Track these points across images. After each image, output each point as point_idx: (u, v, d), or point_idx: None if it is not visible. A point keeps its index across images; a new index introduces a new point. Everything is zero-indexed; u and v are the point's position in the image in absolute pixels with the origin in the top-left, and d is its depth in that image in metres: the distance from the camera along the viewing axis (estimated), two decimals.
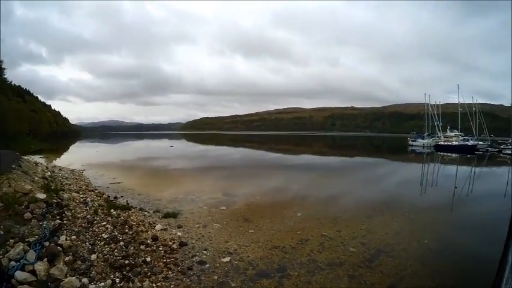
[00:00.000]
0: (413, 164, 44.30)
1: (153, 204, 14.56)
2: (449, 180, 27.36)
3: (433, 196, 19.98)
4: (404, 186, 23.88)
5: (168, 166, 31.84)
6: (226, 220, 12.36)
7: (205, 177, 24.27)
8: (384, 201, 17.16)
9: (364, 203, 16.53)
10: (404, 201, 17.82)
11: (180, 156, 45.19)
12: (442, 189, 22.80)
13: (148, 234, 9.77)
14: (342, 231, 11.36)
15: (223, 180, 23.21)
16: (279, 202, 16.16)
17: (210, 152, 56.75)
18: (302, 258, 8.85)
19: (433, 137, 74.50)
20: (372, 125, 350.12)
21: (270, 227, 11.63)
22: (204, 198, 16.18)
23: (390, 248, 9.93)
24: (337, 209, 14.84)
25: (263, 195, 17.72)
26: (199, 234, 10.50)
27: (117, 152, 56.77)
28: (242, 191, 18.75)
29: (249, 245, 9.73)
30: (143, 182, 20.38)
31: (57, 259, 6.55)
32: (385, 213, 14.52)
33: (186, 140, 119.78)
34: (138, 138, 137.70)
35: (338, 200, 17.44)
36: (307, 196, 18.06)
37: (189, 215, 12.92)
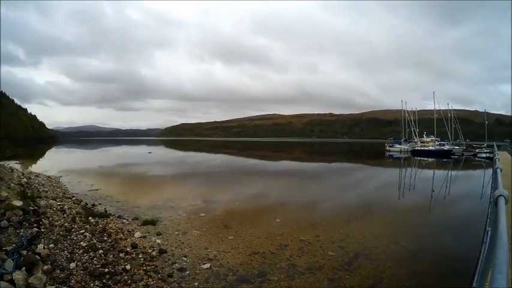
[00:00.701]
0: (390, 169, 45.02)
1: (132, 211, 14.42)
2: (426, 184, 27.86)
3: (410, 199, 20.32)
4: (382, 190, 24.24)
5: (146, 173, 31.58)
6: (205, 227, 12.33)
7: (184, 184, 24.24)
8: (362, 206, 17.40)
9: (342, 208, 16.76)
10: (382, 205, 18.11)
11: (159, 163, 44.86)
12: (420, 193, 23.23)
13: (127, 241, 9.70)
14: (320, 236, 11.47)
15: (202, 186, 23.18)
16: (258, 208, 16.21)
17: (189, 159, 56.52)
18: (282, 263, 8.92)
19: (410, 143, 75.72)
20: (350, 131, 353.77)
21: (250, 233, 11.67)
22: (183, 205, 16.09)
23: (368, 251, 10.09)
24: (315, 214, 14.97)
25: (242, 201, 17.75)
26: (178, 241, 10.47)
27: (94, 158, 56.05)
28: (221, 197, 18.75)
29: (228, 251, 9.75)
30: (121, 189, 20.18)
31: (36, 268, 6.49)
32: (363, 217, 14.73)
33: (165, 146, 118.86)
34: (116, 144, 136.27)
35: (316, 205, 17.58)
36: (286, 202, 18.16)
37: (168, 222, 12.85)
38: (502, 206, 2.04)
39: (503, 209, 1.98)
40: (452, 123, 73.49)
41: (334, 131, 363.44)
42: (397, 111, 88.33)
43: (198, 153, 73.48)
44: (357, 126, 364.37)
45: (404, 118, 78.16)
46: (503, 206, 2.04)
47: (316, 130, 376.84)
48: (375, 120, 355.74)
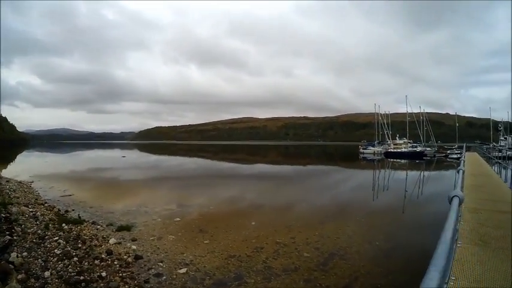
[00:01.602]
0: (364, 171, 45.68)
1: (106, 217, 14.26)
2: (399, 185, 28.45)
3: (384, 200, 20.71)
4: (356, 192, 24.59)
5: (120, 177, 31.23)
6: (181, 231, 12.30)
7: (159, 188, 24.05)
8: (337, 207, 17.67)
9: (317, 210, 16.95)
10: (356, 206, 18.39)
11: (133, 167, 44.34)
12: (393, 193, 23.71)
13: (102, 248, 9.62)
14: (295, 238, 11.59)
15: (177, 191, 23.12)
16: (233, 212, 16.24)
17: (164, 162, 56.17)
18: (258, 266, 9.00)
19: (383, 145, 77.13)
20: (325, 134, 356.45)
21: (225, 237, 11.70)
22: (158, 209, 15.98)
23: (343, 251, 10.28)
24: (290, 217, 15.10)
25: (217, 205, 17.73)
26: (154, 246, 10.42)
27: (67, 162, 54.93)
28: (196, 201, 18.68)
29: (204, 255, 9.76)
30: (95, 194, 19.93)
31: (10, 277, 6.41)
32: (337, 218, 14.95)
33: (139, 150, 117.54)
34: (89, 147, 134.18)
35: (292, 207, 17.72)
36: (261, 205, 18.27)
37: (143, 227, 12.76)
38: (454, 205, 2.20)
39: (454, 208, 2.13)
40: (424, 126, 75.95)
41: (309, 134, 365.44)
42: (371, 115, 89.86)
43: (172, 157, 73.10)
44: (331, 129, 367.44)
45: (377, 121, 79.63)
46: (456, 205, 2.20)
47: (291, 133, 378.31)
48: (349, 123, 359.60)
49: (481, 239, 5.94)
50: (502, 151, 25.39)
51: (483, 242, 5.79)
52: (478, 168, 20.36)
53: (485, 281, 4.23)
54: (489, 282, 4.20)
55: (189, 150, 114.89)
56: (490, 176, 16.44)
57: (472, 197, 10.05)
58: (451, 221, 1.90)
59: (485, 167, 21.35)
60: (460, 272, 4.47)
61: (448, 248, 1.59)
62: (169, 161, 60.43)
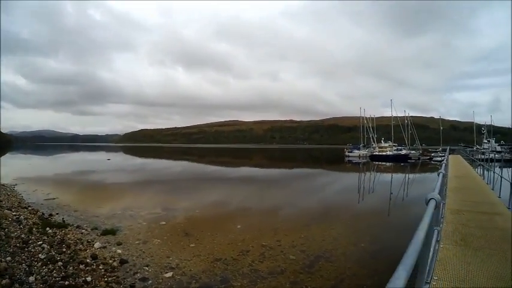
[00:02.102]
0: (350, 174, 46.02)
1: (91, 221, 14.12)
2: (385, 187, 28.75)
3: (369, 203, 20.90)
4: (341, 194, 24.74)
5: (105, 180, 30.94)
6: (166, 235, 12.26)
7: (144, 192, 23.90)
8: (322, 210, 17.78)
9: (302, 213, 17.01)
10: (342, 208, 18.53)
11: (118, 170, 44.06)
12: (379, 196, 23.93)
13: (87, 252, 9.54)
14: (281, 241, 11.64)
15: (162, 194, 22.97)
16: (219, 215, 16.21)
17: (149, 166, 55.81)
18: (244, 269, 9.01)
19: (368, 148, 77.97)
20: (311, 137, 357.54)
21: (211, 240, 11.69)
22: (143, 213, 15.89)
23: (329, 253, 10.36)
24: (276, 220, 15.16)
25: (203, 208, 17.69)
26: (139, 250, 10.37)
27: (51, 165, 54.50)
28: (182, 205, 18.63)
29: (190, 259, 9.75)
30: (79, 198, 19.74)
31: None
32: (323, 221, 15.01)
33: (124, 152, 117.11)
34: (74, 150, 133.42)
35: (277, 210, 17.76)
36: (247, 208, 18.29)
37: (128, 231, 12.68)
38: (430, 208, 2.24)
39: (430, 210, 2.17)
40: (409, 129, 77.56)
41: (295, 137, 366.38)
42: (356, 118, 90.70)
43: (157, 160, 72.60)
44: (317, 133, 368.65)
45: (363, 125, 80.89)
46: (431, 207, 2.24)
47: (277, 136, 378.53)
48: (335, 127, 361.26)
49: (463, 240, 6.06)
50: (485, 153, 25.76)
51: (465, 242, 5.90)
52: (461, 170, 20.65)
53: (467, 280, 4.32)
54: (471, 281, 4.29)
55: (175, 153, 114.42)
56: (472, 178, 16.69)
57: (454, 198, 10.22)
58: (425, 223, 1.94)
59: (469, 169, 21.66)
60: (442, 272, 4.57)
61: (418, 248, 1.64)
62: (154, 164, 60.08)
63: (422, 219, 2.05)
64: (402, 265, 1.38)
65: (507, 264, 4.91)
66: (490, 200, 10.51)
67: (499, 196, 11.05)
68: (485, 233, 6.54)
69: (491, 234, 6.43)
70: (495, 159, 18.10)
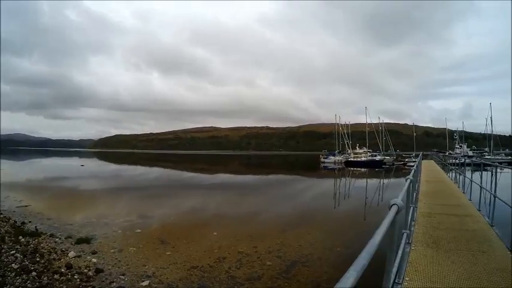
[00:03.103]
0: (325, 180, 46.43)
1: (65, 229, 13.89)
2: (360, 192, 29.18)
3: (345, 208, 21.16)
4: (317, 200, 24.96)
5: (79, 187, 30.42)
6: (142, 243, 12.16)
7: (119, 199, 23.61)
8: (298, 216, 17.89)
9: (278, 219, 17.12)
10: (317, 214, 18.71)
11: (92, 176, 43.35)
12: (354, 201, 24.26)
13: (61, 262, 9.41)
14: (258, 247, 11.68)
15: (137, 201, 22.74)
16: (195, 222, 16.15)
17: (124, 172, 55.06)
18: (221, 276, 9.03)
19: (343, 154, 79.02)
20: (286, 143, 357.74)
21: (187, 248, 11.66)
22: (118, 221, 15.73)
23: (305, 258, 10.47)
24: (252, 226, 15.22)
25: (179, 216, 17.64)
26: (115, 259, 10.27)
27: (23, 170, 53.04)
28: (157, 212, 18.48)
29: (167, 267, 9.71)
30: (53, 205, 19.35)
31: None
32: (299, 226, 15.13)
33: (98, 158, 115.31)
34: (46, 155, 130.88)
35: (253, 217, 17.84)
36: (223, 215, 18.28)
37: (103, 239, 12.53)
38: (391, 213, 2.31)
39: (390, 216, 2.24)
40: (384, 136, 79.27)
41: (271, 143, 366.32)
42: (332, 125, 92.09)
43: (132, 167, 71.69)
44: (292, 139, 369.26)
45: (338, 131, 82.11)
46: (392, 213, 2.31)
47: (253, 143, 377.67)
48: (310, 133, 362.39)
49: (434, 242, 6.22)
50: (458, 158, 26.44)
51: (436, 244, 6.07)
52: (433, 175, 21.08)
53: (438, 281, 4.46)
54: (442, 282, 4.44)
55: (150, 159, 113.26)
56: (444, 182, 17.09)
57: (426, 202, 10.47)
58: (383, 227, 2.01)
59: (441, 174, 22.15)
60: (413, 273, 4.70)
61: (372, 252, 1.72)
62: (129, 171, 59.31)
63: (382, 224, 2.12)
64: (353, 266, 1.46)
65: (476, 264, 5.09)
66: (460, 202, 10.79)
67: (470, 199, 11.36)
68: (456, 234, 6.74)
69: (461, 236, 6.63)
70: (465, 163, 18.55)
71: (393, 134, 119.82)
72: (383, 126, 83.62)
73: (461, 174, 15.54)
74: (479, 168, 13.00)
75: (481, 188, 10.02)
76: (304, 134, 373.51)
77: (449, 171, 22.65)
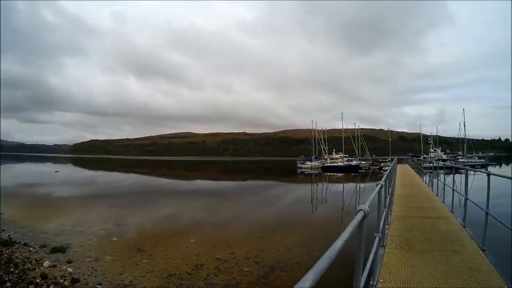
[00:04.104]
0: (303, 185, 46.82)
1: (39, 238, 13.61)
2: (337, 197, 29.45)
3: (322, 212, 21.35)
4: (295, 205, 25.13)
5: (53, 194, 29.80)
6: (118, 251, 12.03)
7: (94, 206, 23.23)
8: (276, 221, 17.94)
9: (256, 225, 17.16)
10: (295, 219, 18.80)
11: (67, 183, 42.54)
12: (331, 205, 24.48)
13: (36, 272, 9.24)
14: (235, 253, 11.71)
15: (113, 209, 22.48)
16: (172, 229, 16.07)
17: (99, 178, 54.29)
18: (199, 283, 9.01)
19: (320, 159, 79.61)
20: (263, 149, 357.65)
21: (164, 255, 11.58)
22: (94, 229, 15.48)
23: (283, 263, 10.53)
24: (230, 233, 15.21)
25: (156, 223, 17.50)
26: (91, 268, 10.12)
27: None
28: (134, 219, 18.30)
29: (144, 275, 9.63)
30: (26, 213, 18.93)
31: None
32: (277, 232, 15.18)
33: (73, 164, 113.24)
34: (19, 160, 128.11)
35: (231, 223, 17.82)
36: (200, 222, 18.21)
37: (78, 248, 12.33)
38: (356, 219, 2.36)
39: (355, 221, 2.30)
40: (359, 141, 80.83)
41: (248, 149, 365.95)
42: (308, 131, 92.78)
43: (108, 173, 70.72)
44: (269, 145, 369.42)
45: (314, 137, 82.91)
46: (358, 218, 2.36)
47: (230, 149, 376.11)
48: (287, 139, 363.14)
49: (407, 244, 6.37)
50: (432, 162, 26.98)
51: (409, 246, 6.21)
52: (408, 178, 21.48)
53: (411, 281, 4.58)
54: (415, 283, 4.56)
55: (126, 165, 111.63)
56: (419, 186, 17.43)
57: (400, 205, 10.69)
58: (346, 232, 2.07)
59: (415, 178, 22.58)
60: (387, 275, 4.81)
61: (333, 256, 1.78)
62: (105, 177, 58.45)
63: (345, 229, 2.17)
64: (312, 269, 1.49)
65: (449, 264, 5.25)
66: (434, 205, 11.04)
67: (443, 201, 11.62)
68: (429, 236, 6.91)
69: (434, 237, 6.80)
70: (439, 167, 18.95)
71: (369, 139, 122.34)
72: (359, 132, 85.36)
73: (435, 178, 15.88)
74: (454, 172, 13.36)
75: (453, 191, 10.30)
76: (281, 140, 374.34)
77: (423, 175, 23.07)
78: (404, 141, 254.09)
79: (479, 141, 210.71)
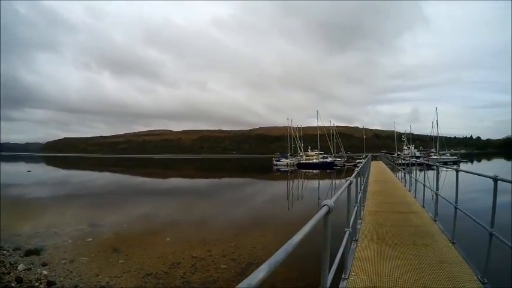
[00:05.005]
0: (278, 182, 47.05)
1: (12, 240, 13.35)
2: (313, 193, 29.82)
3: (298, 208, 21.57)
4: (271, 202, 25.34)
5: (25, 195, 29.15)
6: (94, 252, 11.95)
7: (68, 207, 22.84)
8: (252, 219, 18.10)
9: (232, 222, 17.25)
10: (271, 216, 18.96)
11: (40, 183, 41.51)
12: (307, 202, 24.78)
13: (11, 276, 9.12)
14: (212, 251, 11.78)
15: (88, 209, 22.12)
16: (147, 229, 15.99)
17: (73, 178, 53.22)
18: (176, 282, 9.06)
19: (295, 157, 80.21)
20: (239, 147, 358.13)
21: (141, 255, 11.57)
22: (68, 230, 15.30)
23: (259, 260, 10.61)
24: (206, 231, 15.25)
25: (131, 222, 17.38)
26: (67, 270, 10.04)
27: None
28: (109, 219, 18.15)
29: (121, 275, 9.62)
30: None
31: None
32: (253, 229, 15.33)
33: (46, 163, 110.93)
34: None
35: (207, 221, 17.83)
36: (175, 221, 18.18)
37: (53, 250, 12.19)
38: (319, 214, 2.44)
39: (317, 216, 2.37)
40: (335, 138, 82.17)
41: (224, 147, 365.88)
42: (284, 128, 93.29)
43: (82, 172, 69.56)
44: (245, 142, 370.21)
45: (290, 134, 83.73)
46: (321, 213, 2.44)
47: (206, 146, 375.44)
48: (263, 137, 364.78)
49: (379, 238, 6.55)
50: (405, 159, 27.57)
51: (381, 240, 6.39)
52: (382, 175, 21.85)
53: (382, 274, 4.75)
54: (386, 275, 4.73)
55: (101, 164, 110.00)
56: (392, 182, 17.78)
57: (373, 201, 10.93)
58: (307, 227, 2.13)
59: (389, 174, 22.99)
60: (359, 268, 4.97)
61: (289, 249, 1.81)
62: (79, 177, 57.35)
63: (306, 224, 2.22)
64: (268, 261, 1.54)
65: (420, 257, 5.44)
66: (406, 200, 11.33)
67: (415, 197, 11.91)
68: (401, 230, 7.12)
69: (406, 231, 7.01)
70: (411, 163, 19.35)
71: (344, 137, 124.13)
72: (334, 130, 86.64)
73: (407, 174, 16.25)
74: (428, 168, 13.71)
75: (424, 187, 10.58)
76: (256, 137, 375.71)
77: (397, 172, 23.52)
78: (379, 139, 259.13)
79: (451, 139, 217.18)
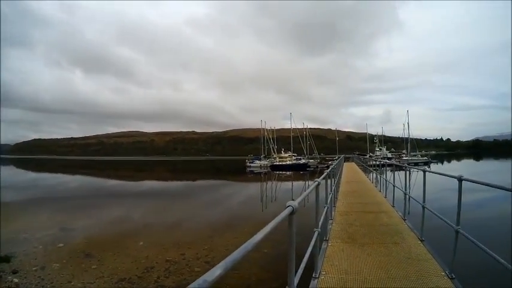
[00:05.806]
0: (252, 184, 47.13)
1: None
2: (286, 195, 29.97)
3: (272, 210, 21.58)
4: (244, 204, 25.37)
5: None
6: (66, 258, 11.75)
7: (38, 211, 22.35)
8: (226, 221, 18.12)
9: (206, 225, 17.21)
10: (244, 218, 19.05)
11: (7, 187, 40.17)
12: (281, 203, 24.67)
13: None
14: (185, 254, 11.77)
15: (58, 213, 21.70)
16: (120, 233, 15.81)
17: (43, 181, 51.87)
18: (150, 286, 9.04)
19: (269, 158, 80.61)
20: (213, 148, 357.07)
21: (113, 260, 11.47)
22: (39, 235, 14.99)
23: None
24: (179, 234, 15.19)
25: (103, 227, 17.18)
26: (38, 277, 9.87)
27: None
28: (80, 224, 17.84)
29: (93, 281, 9.52)
30: None
31: None
32: (226, 231, 15.38)
33: (15, 166, 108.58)
34: None
35: (180, 224, 17.74)
36: (148, 224, 18.00)
37: (23, 257, 11.95)
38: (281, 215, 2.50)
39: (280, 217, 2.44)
40: (308, 140, 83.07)
41: (197, 148, 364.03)
42: (258, 130, 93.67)
43: (53, 175, 68.09)
44: (219, 144, 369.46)
45: (264, 136, 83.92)
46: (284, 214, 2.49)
47: (179, 148, 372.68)
48: (237, 138, 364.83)
49: (349, 237, 6.72)
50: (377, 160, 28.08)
51: (352, 240, 6.55)
52: (354, 176, 22.24)
53: (352, 272, 4.90)
54: (356, 273, 4.89)
55: (72, 166, 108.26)
56: (363, 183, 18.12)
57: (344, 201, 11.17)
58: (268, 227, 2.18)
59: (361, 175, 23.41)
60: (330, 267, 5.11)
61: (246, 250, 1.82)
62: (49, 180, 55.98)
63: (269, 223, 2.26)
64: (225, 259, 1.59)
65: (389, 255, 5.61)
66: (377, 200, 11.59)
67: (385, 196, 12.18)
68: (371, 229, 7.31)
69: (376, 230, 7.21)
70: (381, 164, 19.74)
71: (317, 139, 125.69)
72: (307, 131, 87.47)
73: (378, 174, 16.59)
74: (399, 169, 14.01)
75: (394, 187, 10.84)
76: (230, 139, 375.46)
77: (368, 173, 23.92)
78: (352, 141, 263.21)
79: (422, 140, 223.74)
